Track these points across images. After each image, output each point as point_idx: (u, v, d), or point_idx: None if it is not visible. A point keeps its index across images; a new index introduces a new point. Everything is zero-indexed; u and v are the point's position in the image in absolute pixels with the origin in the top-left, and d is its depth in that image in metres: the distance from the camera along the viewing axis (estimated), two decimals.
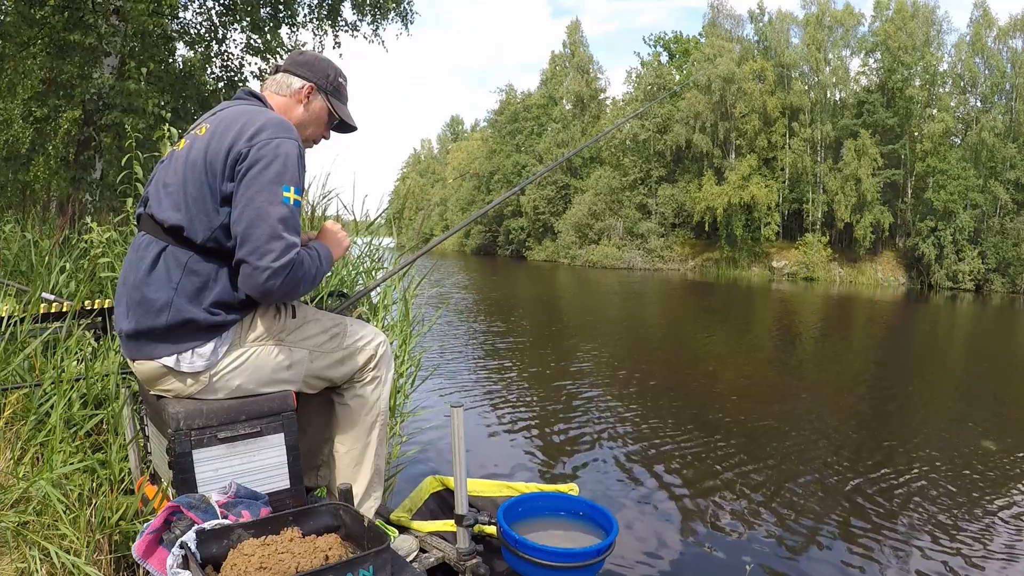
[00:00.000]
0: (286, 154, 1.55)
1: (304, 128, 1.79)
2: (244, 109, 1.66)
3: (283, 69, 1.81)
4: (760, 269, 34.24)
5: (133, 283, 1.59)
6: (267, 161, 1.53)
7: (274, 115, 1.64)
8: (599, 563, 1.81)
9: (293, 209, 1.55)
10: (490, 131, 56.34)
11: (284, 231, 1.52)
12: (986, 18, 31.34)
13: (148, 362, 1.60)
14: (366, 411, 1.89)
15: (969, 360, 10.72)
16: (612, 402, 6.35)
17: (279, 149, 1.55)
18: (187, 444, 1.57)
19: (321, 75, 1.80)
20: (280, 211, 1.52)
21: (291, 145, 1.57)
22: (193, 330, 1.57)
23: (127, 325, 1.60)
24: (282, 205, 1.52)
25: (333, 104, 1.82)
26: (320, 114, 1.82)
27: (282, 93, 1.79)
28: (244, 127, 1.57)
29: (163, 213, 1.59)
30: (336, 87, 1.83)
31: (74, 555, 1.57)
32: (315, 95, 1.80)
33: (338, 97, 1.84)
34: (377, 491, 1.97)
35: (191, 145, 1.62)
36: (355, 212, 4.22)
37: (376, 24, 10.39)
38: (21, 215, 6.56)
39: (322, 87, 1.80)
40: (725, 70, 34.54)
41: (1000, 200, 29.13)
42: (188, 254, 1.56)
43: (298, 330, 1.76)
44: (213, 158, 1.55)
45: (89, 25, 7.18)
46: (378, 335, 1.91)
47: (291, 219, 1.54)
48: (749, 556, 3.25)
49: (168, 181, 1.62)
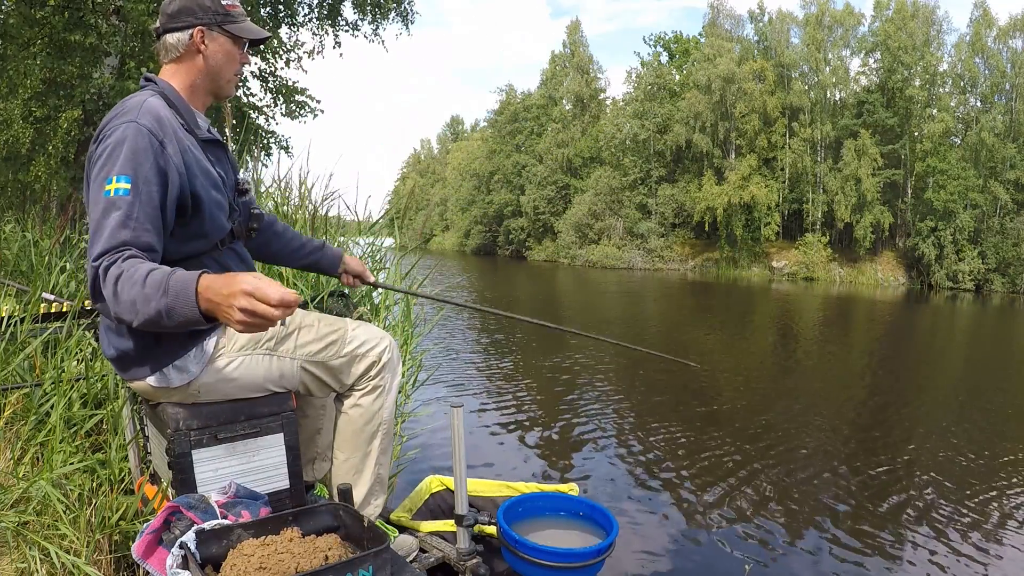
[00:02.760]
0: (114, 142, 1.36)
1: (219, 74, 1.62)
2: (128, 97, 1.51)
3: (163, 30, 1.58)
4: (760, 269, 34.24)
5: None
6: (100, 158, 1.37)
7: (133, 100, 1.45)
8: (599, 563, 1.81)
9: (116, 199, 1.30)
10: (490, 131, 56.32)
11: (100, 230, 1.29)
12: (986, 18, 31.35)
13: (136, 383, 1.58)
14: (366, 421, 1.82)
15: (969, 360, 10.72)
16: (612, 402, 6.35)
17: (108, 139, 1.37)
18: (187, 444, 1.57)
19: (203, 12, 1.57)
20: (99, 208, 1.31)
21: (124, 129, 1.37)
22: (160, 348, 1.52)
23: (106, 348, 1.58)
24: (103, 199, 1.31)
25: (233, 31, 1.60)
26: (226, 51, 1.61)
27: (175, 57, 1.59)
28: (101, 126, 1.45)
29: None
30: (224, 13, 1.59)
31: (74, 555, 1.57)
32: (209, 36, 1.58)
33: (233, 20, 1.61)
34: (378, 498, 1.92)
35: None
36: (357, 213, 4.23)
37: (376, 24, 10.40)
38: (21, 215, 6.57)
39: (210, 22, 1.58)
40: (725, 70, 34.54)
41: (1000, 200, 29.14)
42: None
43: (289, 339, 1.68)
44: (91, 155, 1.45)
45: (89, 25, 7.19)
46: (383, 340, 1.81)
47: (110, 211, 1.29)
48: (748, 556, 3.25)
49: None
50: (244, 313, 1.11)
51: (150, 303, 1.19)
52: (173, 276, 1.19)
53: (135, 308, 1.21)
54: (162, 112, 1.47)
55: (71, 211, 5.65)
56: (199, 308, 1.16)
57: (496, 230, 51.64)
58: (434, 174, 74.71)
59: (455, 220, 59.66)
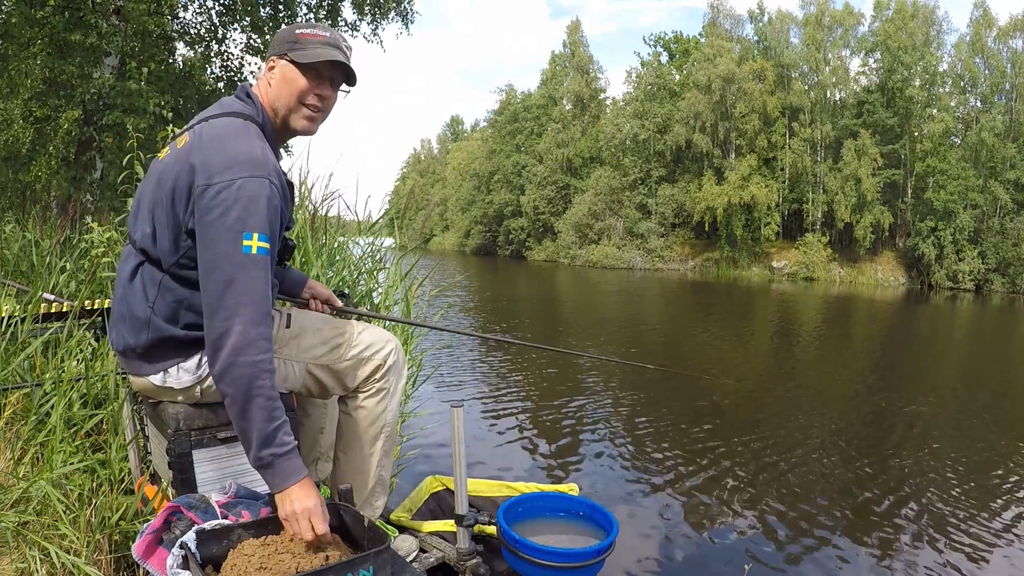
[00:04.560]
0: (249, 197, 1.36)
1: (277, 100, 1.57)
2: (221, 132, 1.47)
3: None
4: (760, 269, 34.23)
5: (119, 295, 1.57)
6: (226, 206, 1.35)
7: (246, 149, 1.43)
8: (599, 563, 1.81)
9: (258, 258, 1.35)
10: (490, 131, 56.31)
11: (246, 283, 1.34)
12: (986, 18, 31.34)
13: (140, 380, 1.60)
14: (370, 423, 1.83)
15: (970, 360, 10.72)
16: (612, 402, 6.35)
17: (241, 192, 1.36)
18: (187, 444, 1.57)
19: (278, 43, 1.58)
20: (236, 259, 1.34)
21: (256, 186, 1.38)
22: (174, 347, 1.54)
23: (116, 339, 1.59)
24: (242, 254, 1.34)
25: (298, 57, 1.54)
26: (285, 76, 1.55)
27: (256, 83, 1.63)
28: (208, 157, 1.40)
29: (136, 230, 1.53)
30: (293, 41, 1.56)
31: (74, 555, 1.57)
32: (277, 64, 1.57)
33: (298, 47, 1.56)
34: (379, 500, 1.93)
35: (166, 161, 1.50)
36: (357, 213, 4.23)
37: (376, 24, 10.38)
38: (21, 215, 6.56)
39: (281, 52, 1.56)
40: (725, 70, 34.53)
41: (1000, 200, 29.12)
42: (160, 274, 1.50)
43: (293, 342, 1.69)
44: (179, 185, 1.42)
45: (90, 25, 7.18)
46: (388, 343, 1.81)
47: (255, 268, 1.35)
48: (748, 556, 3.25)
49: (142, 196, 1.53)
50: (295, 520, 1.33)
51: (253, 430, 1.32)
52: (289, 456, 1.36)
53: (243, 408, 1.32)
54: (277, 166, 1.50)
55: (71, 211, 5.64)
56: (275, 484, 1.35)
57: (496, 230, 51.62)
58: (434, 174, 74.69)
59: (455, 220, 59.63)
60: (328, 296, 2.03)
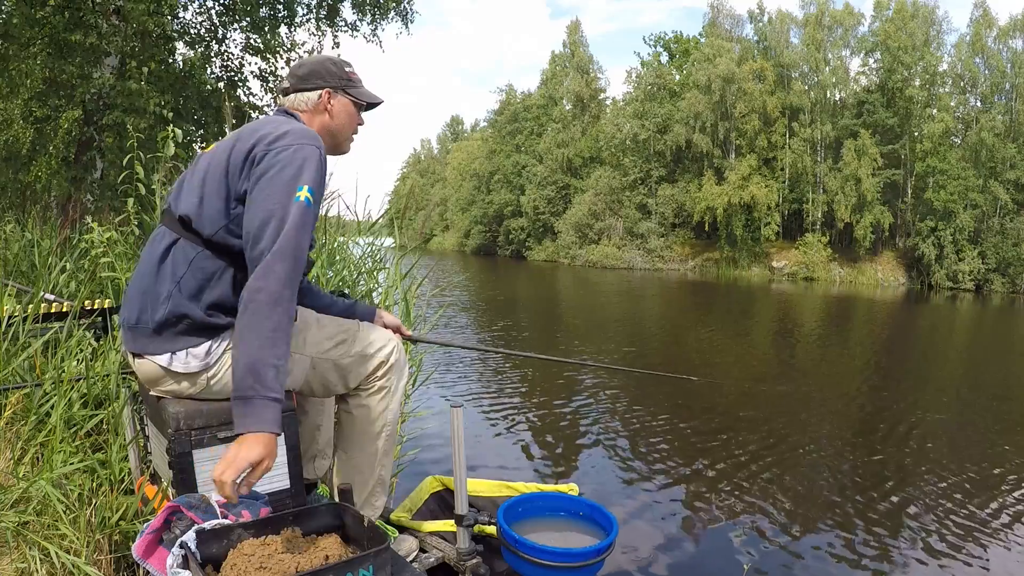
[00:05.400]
0: (304, 158, 1.52)
1: (339, 132, 1.79)
2: (273, 118, 1.67)
3: (292, 90, 1.79)
4: (760, 269, 34.23)
5: (142, 272, 1.60)
6: (283, 164, 1.50)
7: (300, 125, 1.63)
8: (599, 563, 1.81)
9: (305, 208, 1.49)
10: (490, 131, 56.31)
11: (296, 225, 1.47)
12: (986, 18, 31.33)
13: (145, 362, 1.59)
14: (371, 422, 1.84)
15: (970, 360, 10.72)
16: (612, 402, 6.35)
17: (297, 153, 1.52)
18: (187, 444, 1.57)
19: (330, 77, 1.78)
20: (293, 208, 1.47)
21: (311, 151, 1.55)
22: (188, 328, 1.56)
23: (129, 314, 1.60)
24: (295, 204, 1.47)
25: (353, 95, 1.81)
26: (348, 111, 1.81)
27: (304, 109, 1.78)
28: (267, 132, 1.57)
29: (178, 204, 1.60)
30: (347, 78, 1.80)
31: (74, 555, 1.57)
32: (335, 97, 1.78)
33: (354, 86, 1.82)
34: (379, 499, 1.93)
35: (217, 147, 1.64)
36: (357, 213, 4.23)
37: (376, 24, 10.38)
38: (21, 215, 6.57)
39: (336, 86, 1.78)
40: (725, 70, 34.53)
41: (1000, 200, 29.11)
42: (197, 249, 1.56)
43: (299, 336, 1.71)
44: (235, 157, 1.55)
45: (90, 25, 7.18)
46: (390, 341, 1.85)
47: (305, 216, 1.49)
48: (748, 556, 3.25)
49: (192, 177, 1.63)
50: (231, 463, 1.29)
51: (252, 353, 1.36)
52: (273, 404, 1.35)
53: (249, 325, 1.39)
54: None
55: (72, 211, 5.65)
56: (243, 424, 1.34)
57: (496, 230, 51.61)
58: (434, 174, 74.66)
59: (455, 220, 59.63)
60: (397, 324, 2.11)
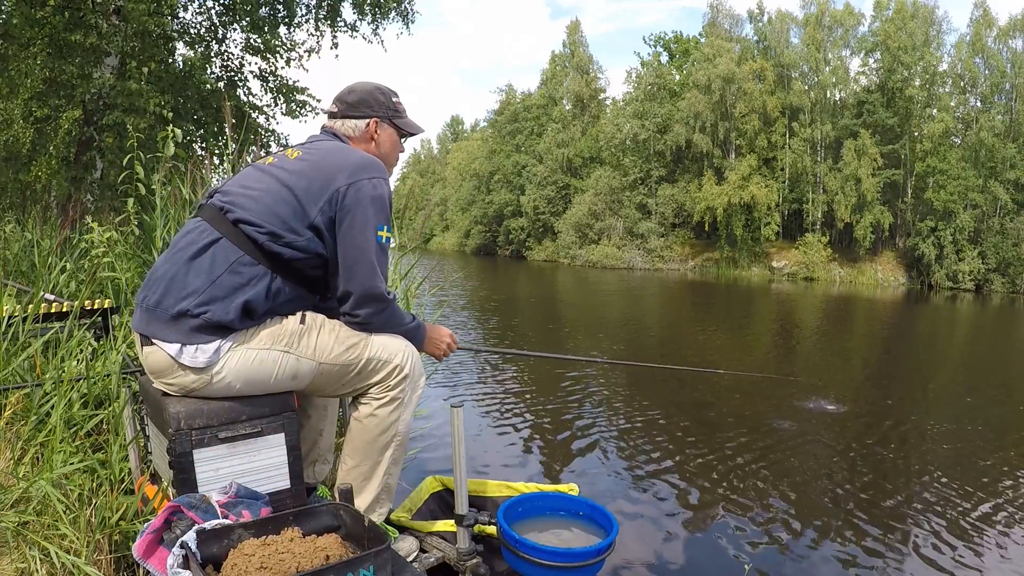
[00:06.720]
0: (381, 196, 1.70)
1: (384, 160, 1.86)
2: (337, 144, 1.79)
3: (340, 115, 1.85)
4: (760, 269, 34.23)
5: (175, 259, 1.61)
6: (365, 204, 1.66)
7: (365, 154, 1.75)
8: (599, 563, 1.81)
9: (384, 247, 1.72)
10: (490, 131, 56.29)
11: (376, 269, 1.70)
12: (986, 18, 31.32)
13: (154, 349, 1.59)
14: (381, 431, 1.82)
15: (971, 360, 10.72)
16: (612, 402, 6.35)
17: (376, 190, 1.69)
18: (187, 444, 1.57)
19: (378, 106, 1.87)
20: (372, 247, 1.68)
21: (384, 186, 1.72)
22: (206, 325, 1.57)
23: (150, 296, 1.60)
24: (376, 243, 1.69)
25: (400, 126, 1.91)
26: (392, 141, 1.91)
27: (352, 136, 1.85)
28: (342, 163, 1.68)
29: (240, 212, 1.63)
30: (394, 108, 1.89)
31: (74, 555, 1.57)
32: (381, 127, 1.87)
33: (400, 116, 1.92)
34: (383, 507, 1.93)
35: (282, 165, 1.72)
36: None
37: (376, 24, 10.37)
38: (21, 215, 6.57)
39: (384, 116, 1.87)
40: (725, 70, 34.52)
41: (1000, 200, 29.11)
42: (239, 253, 1.59)
43: (308, 339, 1.71)
44: (310, 187, 1.65)
45: (90, 25, 7.18)
46: (404, 351, 1.83)
47: (383, 257, 1.73)
48: (749, 556, 3.25)
49: (253, 186, 1.68)
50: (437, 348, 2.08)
51: (404, 328, 1.86)
52: (419, 330, 1.94)
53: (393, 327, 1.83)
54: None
55: (72, 211, 5.65)
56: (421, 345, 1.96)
57: (496, 230, 51.60)
58: (434, 174, 74.69)
59: (455, 220, 59.63)
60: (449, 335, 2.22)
